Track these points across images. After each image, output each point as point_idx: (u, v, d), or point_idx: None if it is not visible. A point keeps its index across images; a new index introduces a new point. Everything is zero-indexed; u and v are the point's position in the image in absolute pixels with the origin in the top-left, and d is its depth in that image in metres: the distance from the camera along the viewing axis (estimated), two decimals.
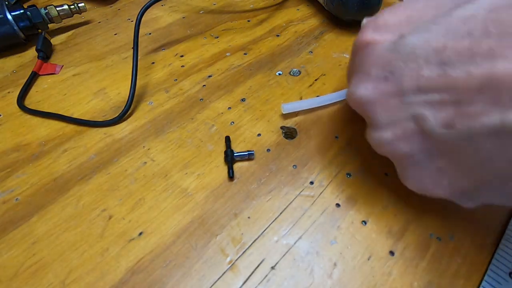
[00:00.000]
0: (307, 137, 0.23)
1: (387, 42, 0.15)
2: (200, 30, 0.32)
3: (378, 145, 0.16)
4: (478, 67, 0.12)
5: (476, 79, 0.12)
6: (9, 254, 0.18)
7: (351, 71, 0.18)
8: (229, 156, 0.21)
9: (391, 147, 0.15)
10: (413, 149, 0.15)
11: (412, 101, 0.14)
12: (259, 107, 0.25)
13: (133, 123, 0.24)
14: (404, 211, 0.19)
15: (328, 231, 0.18)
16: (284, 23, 0.33)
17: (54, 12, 0.30)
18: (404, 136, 0.15)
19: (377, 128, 0.16)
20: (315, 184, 0.20)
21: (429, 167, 0.15)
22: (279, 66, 0.28)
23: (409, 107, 0.14)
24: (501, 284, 0.16)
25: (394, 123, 0.15)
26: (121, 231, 0.18)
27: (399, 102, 0.14)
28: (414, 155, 0.15)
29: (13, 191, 0.20)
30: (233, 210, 0.19)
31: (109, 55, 0.30)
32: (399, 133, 0.15)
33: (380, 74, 0.15)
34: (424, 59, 0.13)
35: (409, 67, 0.14)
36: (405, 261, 0.17)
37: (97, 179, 0.21)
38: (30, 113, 0.25)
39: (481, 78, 0.12)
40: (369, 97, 0.15)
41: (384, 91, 0.15)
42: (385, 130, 0.15)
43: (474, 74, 0.12)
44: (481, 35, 0.12)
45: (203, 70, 0.28)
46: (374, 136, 0.16)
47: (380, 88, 0.15)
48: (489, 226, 0.18)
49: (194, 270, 0.17)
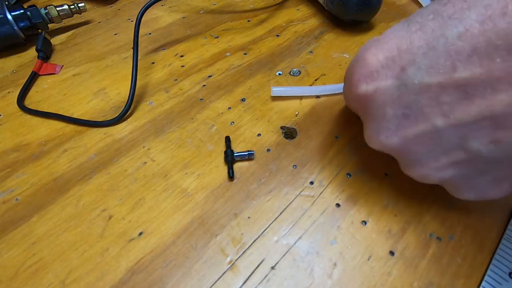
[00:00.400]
0: (307, 137, 0.23)
1: (389, 81, 0.14)
2: (200, 30, 0.32)
3: (424, 178, 0.16)
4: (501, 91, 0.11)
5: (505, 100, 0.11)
6: (9, 254, 0.18)
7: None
8: (229, 156, 0.21)
9: (439, 176, 0.15)
10: (464, 171, 0.14)
11: (444, 131, 0.13)
12: (259, 107, 0.25)
13: (133, 123, 0.24)
14: (404, 211, 0.19)
15: (328, 231, 0.18)
16: (284, 23, 0.33)
17: (54, 12, 0.30)
18: (451, 164, 0.14)
19: (416, 166, 0.15)
20: (315, 184, 0.20)
21: (485, 178, 0.14)
22: (279, 66, 0.28)
23: (445, 137, 0.13)
24: (501, 284, 0.16)
25: (434, 156, 0.14)
26: (121, 231, 0.18)
27: (430, 136, 0.14)
28: (467, 174, 0.14)
29: (13, 191, 0.20)
30: (233, 210, 0.19)
31: (109, 55, 0.30)
32: (443, 164, 0.14)
33: (398, 113, 0.14)
34: (438, 85, 0.13)
35: (425, 97, 0.13)
36: (405, 261, 0.17)
37: (97, 179, 0.21)
38: (30, 113, 0.25)
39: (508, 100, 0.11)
40: (397, 143, 0.15)
41: (409, 130, 0.14)
42: (427, 165, 0.15)
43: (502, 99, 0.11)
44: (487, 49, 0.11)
45: (203, 70, 0.28)
46: (418, 172, 0.15)
47: (404, 127, 0.14)
48: (489, 226, 0.18)
49: (194, 270, 0.17)
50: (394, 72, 0.14)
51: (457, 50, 0.12)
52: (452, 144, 0.13)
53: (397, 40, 0.14)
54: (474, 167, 0.14)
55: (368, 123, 0.16)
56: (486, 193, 0.15)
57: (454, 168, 0.14)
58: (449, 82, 0.12)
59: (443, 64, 0.12)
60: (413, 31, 0.14)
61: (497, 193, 0.15)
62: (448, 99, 0.13)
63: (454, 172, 0.14)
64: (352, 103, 0.18)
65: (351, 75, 0.16)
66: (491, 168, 0.14)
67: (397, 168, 0.21)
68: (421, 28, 0.14)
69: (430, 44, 0.13)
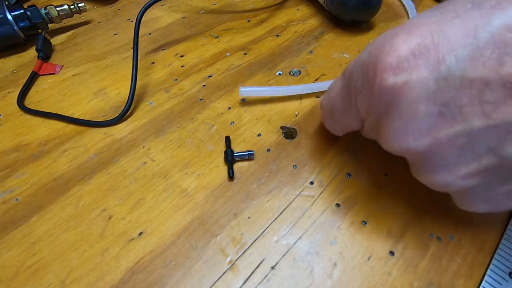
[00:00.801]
0: (307, 137, 0.23)
1: (425, 73, 0.12)
2: (200, 30, 0.32)
3: (445, 186, 0.14)
4: None
5: None
6: (9, 254, 0.18)
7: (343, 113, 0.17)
8: (229, 156, 0.21)
9: (464, 184, 0.13)
10: (490, 180, 0.13)
11: (482, 133, 0.12)
12: (259, 107, 0.25)
13: (133, 123, 0.24)
14: (404, 211, 0.19)
15: (328, 231, 0.18)
16: (284, 23, 0.33)
17: (54, 12, 0.30)
18: (480, 172, 0.13)
19: (440, 171, 0.13)
20: (315, 184, 0.20)
21: (504, 188, 0.13)
22: (279, 66, 0.28)
23: (480, 140, 0.12)
24: (501, 284, 0.16)
25: (465, 161, 0.13)
26: (121, 231, 0.18)
27: (465, 138, 0.12)
28: (490, 183, 0.13)
29: (13, 191, 0.20)
30: (233, 210, 0.19)
31: (109, 55, 0.30)
32: (472, 170, 0.13)
33: (433, 111, 0.12)
34: (482, 81, 0.11)
35: (466, 94, 0.11)
36: (405, 261, 0.17)
37: (97, 179, 0.21)
38: (30, 113, 0.25)
39: None
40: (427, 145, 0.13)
41: (444, 131, 0.12)
42: (455, 171, 0.13)
43: None
44: None
45: (203, 70, 0.28)
46: (441, 179, 0.14)
47: (438, 128, 0.12)
48: (489, 226, 0.18)
49: (194, 270, 0.17)
50: (430, 63, 0.12)
51: (505, 42, 0.11)
52: (486, 149, 0.12)
53: (431, 27, 0.12)
54: (501, 174, 0.13)
55: (392, 122, 0.14)
56: (500, 205, 0.14)
57: (481, 176, 0.13)
58: (494, 78, 0.11)
59: (489, 56, 0.11)
60: (449, 19, 0.12)
61: (509, 206, 0.14)
62: (492, 97, 0.11)
63: (480, 180, 0.13)
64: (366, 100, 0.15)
65: (374, 64, 0.14)
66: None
67: (397, 168, 0.21)
68: (459, 16, 0.12)
69: (473, 33, 0.11)
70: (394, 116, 0.13)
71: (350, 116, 0.17)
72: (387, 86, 0.13)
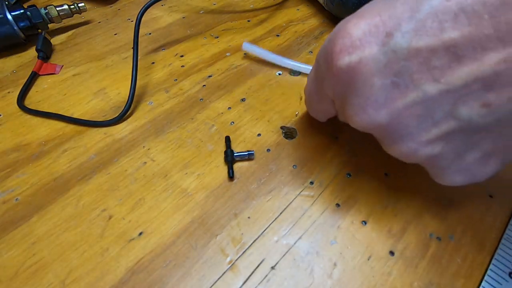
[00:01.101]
0: (307, 137, 0.23)
1: (375, 48, 0.13)
2: (200, 30, 0.32)
3: (411, 155, 0.15)
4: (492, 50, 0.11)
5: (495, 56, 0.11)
6: (9, 254, 0.18)
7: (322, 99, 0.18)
8: (229, 156, 0.21)
9: (428, 151, 0.14)
10: (454, 145, 0.14)
11: (435, 98, 0.13)
12: (259, 107, 0.25)
13: (133, 123, 0.24)
14: (404, 211, 0.19)
15: (328, 231, 0.18)
16: (284, 23, 0.33)
17: (54, 12, 0.30)
18: (441, 137, 0.13)
19: (404, 140, 0.14)
20: (315, 184, 0.20)
21: (473, 155, 0.14)
22: (279, 66, 0.28)
23: (436, 105, 0.13)
24: (501, 284, 0.16)
25: (425, 128, 0.13)
26: (121, 231, 0.18)
27: (421, 105, 0.13)
28: (456, 148, 0.14)
29: (13, 191, 0.20)
30: (233, 210, 0.19)
31: (109, 55, 0.30)
32: (433, 136, 0.13)
33: (386, 82, 0.13)
34: (427, 49, 0.12)
35: (415, 63, 0.12)
36: (405, 261, 0.17)
37: (97, 179, 0.21)
38: (30, 113, 0.25)
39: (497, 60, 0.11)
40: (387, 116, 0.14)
41: (399, 100, 0.13)
42: (417, 138, 0.14)
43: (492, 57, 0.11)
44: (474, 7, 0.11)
45: (203, 70, 0.28)
46: (405, 148, 0.14)
47: (394, 97, 0.13)
48: (489, 226, 0.18)
49: (194, 270, 0.17)
50: (379, 38, 0.13)
51: (443, 10, 0.12)
52: (443, 113, 0.13)
53: (379, 9, 0.14)
54: (463, 139, 0.13)
55: (352, 100, 0.15)
56: (474, 174, 0.15)
57: (443, 141, 0.14)
58: (438, 44, 0.12)
59: (431, 25, 0.12)
60: (394, 1, 0.13)
61: (485, 173, 0.15)
62: (438, 62, 0.12)
63: (444, 145, 0.14)
64: (330, 84, 0.16)
65: (331, 48, 0.15)
66: (481, 140, 0.13)
67: (397, 168, 0.21)
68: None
69: (415, 8, 0.12)
70: (353, 93, 0.14)
71: (325, 102, 0.18)
72: (343, 66, 0.14)
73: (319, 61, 0.17)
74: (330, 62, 0.15)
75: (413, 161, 0.15)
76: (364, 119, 0.14)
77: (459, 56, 0.12)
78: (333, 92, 0.16)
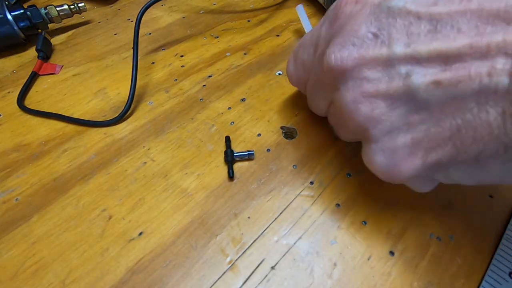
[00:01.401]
0: (307, 137, 0.23)
1: (377, 1, 0.15)
2: (200, 30, 0.32)
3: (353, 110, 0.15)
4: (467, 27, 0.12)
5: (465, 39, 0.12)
6: (9, 254, 0.18)
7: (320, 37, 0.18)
8: (229, 156, 0.21)
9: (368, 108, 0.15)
10: (392, 115, 0.14)
11: (399, 60, 0.14)
12: (259, 107, 0.25)
13: (133, 123, 0.24)
14: (404, 211, 0.19)
15: (328, 231, 0.18)
16: (284, 23, 0.33)
17: (54, 12, 0.30)
18: (385, 96, 0.14)
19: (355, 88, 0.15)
20: (315, 184, 0.20)
21: (404, 137, 0.14)
22: (279, 66, 0.28)
23: (396, 66, 0.14)
24: (501, 284, 0.16)
25: (377, 80, 0.14)
26: (121, 231, 0.18)
27: (384, 62, 0.14)
28: (392, 119, 0.14)
29: (13, 191, 0.20)
30: (233, 210, 0.19)
31: (109, 55, 0.30)
32: (381, 90, 0.14)
33: (370, 31, 0.14)
34: (416, 15, 0.13)
35: (399, 23, 0.14)
36: (405, 261, 0.17)
37: (97, 179, 0.21)
38: (30, 113, 0.25)
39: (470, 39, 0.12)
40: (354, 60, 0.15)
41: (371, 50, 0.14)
42: (366, 88, 0.15)
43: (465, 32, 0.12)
44: None
45: (203, 70, 0.28)
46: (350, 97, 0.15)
47: (368, 46, 0.14)
48: (489, 226, 0.18)
49: (194, 270, 0.17)
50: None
51: None
52: (398, 75, 0.14)
53: None
54: (403, 113, 0.14)
55: (335, 40, 0.16)
56: (396, 160, 0.15)
57: (385, 103, 0.14)
58: (426, 13, 0.13)
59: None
60: None
61: (406, 167, 0.15)
62: (417, 30, 0.13)
63: (384, 109, 0.14)
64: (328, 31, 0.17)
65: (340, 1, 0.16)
66: (418, 124, 0.14)
67: None
68: None
69: None
70: (339, 34, 0.16)
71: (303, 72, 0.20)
72: (346, 10, 0.16)
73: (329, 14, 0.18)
74: (338, 8, 0.16)
75: (354, 118, 0.16)
76: (336, 57, 0.15)
77: (437, 30, 0.13)
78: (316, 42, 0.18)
